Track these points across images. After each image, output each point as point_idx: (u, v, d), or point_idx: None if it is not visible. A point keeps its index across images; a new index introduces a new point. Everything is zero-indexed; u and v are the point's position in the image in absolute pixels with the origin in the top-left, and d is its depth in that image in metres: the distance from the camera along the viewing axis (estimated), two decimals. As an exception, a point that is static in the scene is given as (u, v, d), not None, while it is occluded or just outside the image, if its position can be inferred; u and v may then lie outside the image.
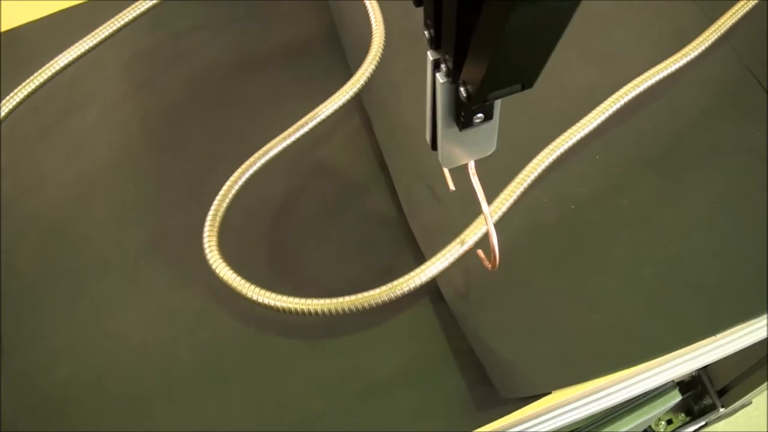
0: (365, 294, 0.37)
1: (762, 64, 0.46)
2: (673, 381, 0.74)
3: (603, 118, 0.43)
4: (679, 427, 0.97)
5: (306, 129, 0.43)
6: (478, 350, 0.38)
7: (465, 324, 0.39)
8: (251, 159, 0.42)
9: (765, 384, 0.92)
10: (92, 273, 0.44)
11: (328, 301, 0.37)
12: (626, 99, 0.43)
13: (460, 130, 0.31)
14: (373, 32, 0.46)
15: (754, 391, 0.93)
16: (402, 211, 0.44)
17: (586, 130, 0.43)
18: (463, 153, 0.34)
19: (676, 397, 0.77)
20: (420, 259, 0.41)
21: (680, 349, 0.37)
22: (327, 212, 0.45)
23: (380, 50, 0.45)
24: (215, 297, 0.42)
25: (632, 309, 0.39)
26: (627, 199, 0.42)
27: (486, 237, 0.37)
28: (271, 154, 0.43)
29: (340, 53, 0.50)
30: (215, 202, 0.41)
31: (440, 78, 0.29)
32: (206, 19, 0.54)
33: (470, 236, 0.39)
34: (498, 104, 0.31)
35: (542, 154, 0.42)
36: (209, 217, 0.40)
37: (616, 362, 0.37)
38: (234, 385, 0.40)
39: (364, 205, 0.45)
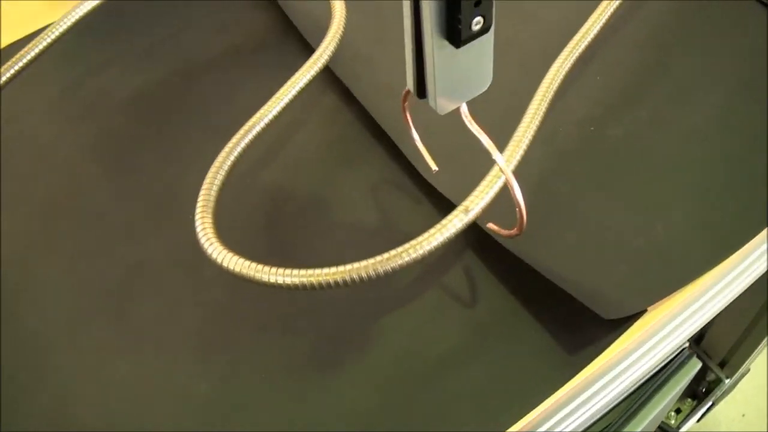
0: (391, 253, 0.31)
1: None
2: (687, 345, 0.71)
3: (596, 30, 0.40)
4: (689, 413, 0.94)
5: (284, 102, 0.38)
6: (560, 282, 0.33)
7: (536, 261, 0.34)
8: (223, 152, 0.36)
9: (762, 345, 0.91)
10: (63, 333, 0.36)
11: (350, 266, 0.30)
12: (611, 11, 0.41)
13: (458, 46, 0.25)
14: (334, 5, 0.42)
15: (753, 355, 0.91)
16: (410, 176, 0.39)
17: (583, 46, 0.40)
18: (459, 90, 0.28)
19: (696, 365, 0.73)
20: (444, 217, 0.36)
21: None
22: (325, 195, 0.39)
23: (343, 20, 0.41)
24: (216, 315, 0.35)
25: (691, 213, 0.35)
26: (645, 110, 0.40)
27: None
28: (248, 138, 0.37)
29: (298, 45, 0.46)
30: (200, 199, 0.34)
31: None
32: (135, 44, 0.48)
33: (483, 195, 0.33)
34: (495, 6, 0.26)
35: (547, 78, 0.39)
36: (198, 213, 0.34)
37: (697, 267, 0.33)
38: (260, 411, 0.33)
39: (367, 177, 0.40)
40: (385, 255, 0.31)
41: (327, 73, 0.43)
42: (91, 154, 0.43)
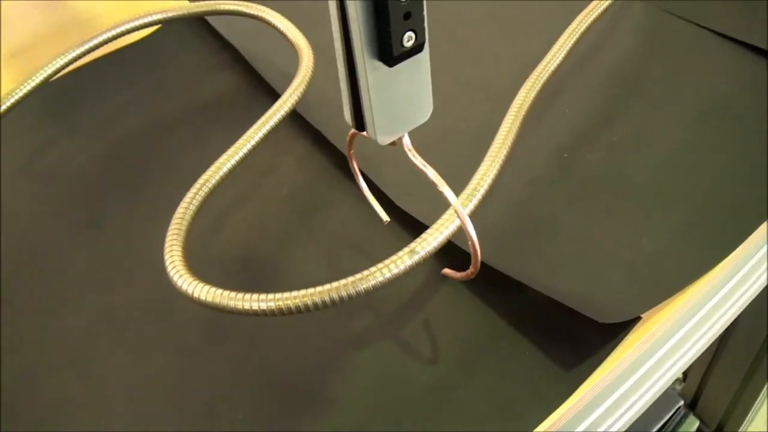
0: (363, 273, 0.29)
1: None
2: (683, 404, 0.68)
3: (560, 58, 0.41)
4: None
5: (254, 142, 0.38)
6: (549, 292, 0.32)
7: (523, 276, 0.33)
8: (193, 189, 0.35)
9: (755, 409, 0.89)
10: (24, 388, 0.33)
11: (321, 288, 0.29)
12: (573, 40, 0.42)
13: (391, 64, 0.24)
14: (300, 48, 0.43)
15: (747, 418, 0.89)
16: (387, 212, 0.38)
17: (547, 74, 0.40)
18: (398, 118, 0.26)
19: (694, 424, 0.71)
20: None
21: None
22: (300, 234, 0.38)
23: (311, 64, 0.42)
24: (191, 360, 0.33)
25: (675, 225, 0.35)
26: (616, 135, 0.40)
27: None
28: (219, 175, 0.36)
29: (269, 100, 0.46)
30: (169, 233, 0.33)
31: None
32: (104, 106, 0.48)
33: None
34: (426, 29, 0.24)
35: (513, 108, 0.39)
36: (167, 246, 0.32)
37: (688, 274, 0.33)
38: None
39: (342, 216, 0.39)
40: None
41: (300, 120, 0.43)
42: (61, 206, 0.41)
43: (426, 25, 0.24)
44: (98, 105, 0.48)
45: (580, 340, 0.31)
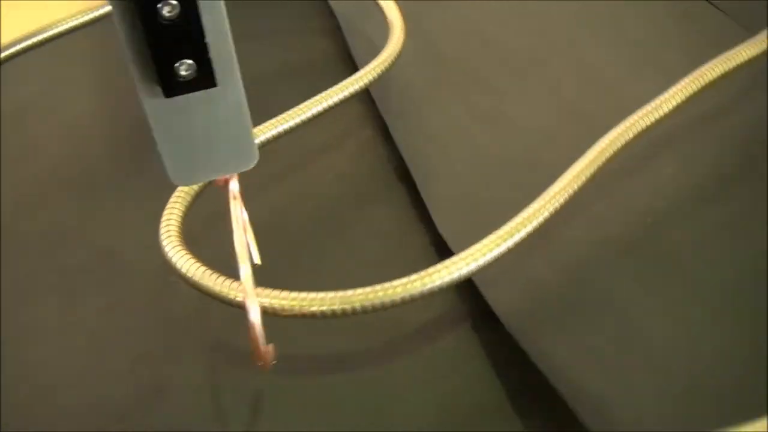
0: (381, 286, 0.26)
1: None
2: None
3: (669, 106, 0.35)
4: None
5: (301, 118, 0.35)
6: (554, 380, 0.27)
7: (533, 348, 0.28)
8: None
9: None
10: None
11: (332, 294, 0.26)
12: (693, 89, 0.35)
13: (167, 95, 0.19)
14: (392, 25, 0.39)
15: None
16: (425, 224, 0.34)
17: (650, 120, 0.34)
18: (201, 158, 0.21)
19: None
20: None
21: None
22: (332, 229, 0.35)
23: (398, 47, 0.38)
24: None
25: (753, 344, 0.28)
26: (718, 216, 0.33)
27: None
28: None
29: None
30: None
31: None
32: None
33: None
34: (215, 61, 0.19)
35: (594, 151, 0.33)
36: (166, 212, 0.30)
37: (747, 411, 0.26)
38: None
39: (380, 218, 0.35)
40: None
41: (373, 106, 0.40)
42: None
43: (213, 56, 0.19)
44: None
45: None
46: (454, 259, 0.28)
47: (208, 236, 0.31)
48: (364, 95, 0.39)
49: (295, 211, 0.36)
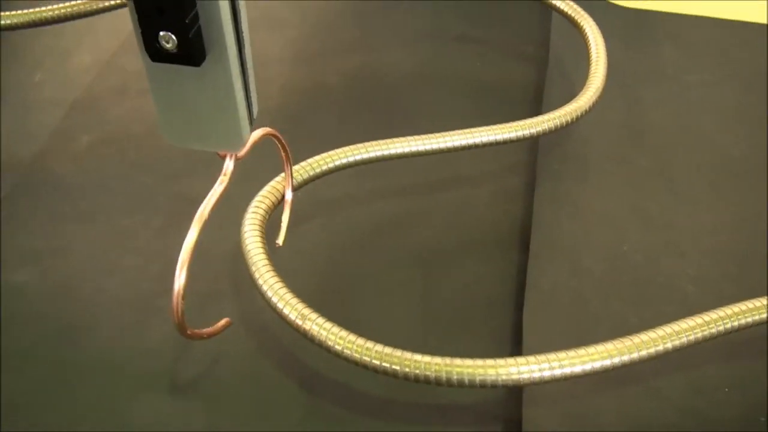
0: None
1: None
2: None
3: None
4: None
5: (444, 144, 0.33)
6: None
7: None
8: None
9: None
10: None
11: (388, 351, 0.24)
12: None
13: (152, 59, 0.20)
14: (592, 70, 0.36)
15: None
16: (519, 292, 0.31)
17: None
18: (190, 126, 0.22)
19: None
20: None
21: None
22: (429, 264, 0.33)
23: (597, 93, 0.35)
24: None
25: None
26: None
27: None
28: (388, 152, 0.32)
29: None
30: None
31: None
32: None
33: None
34: (197, 43, 0.20)
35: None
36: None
37: None
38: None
39: (476, 272, 0.33)
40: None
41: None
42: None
43: (206, 38, 0.20)
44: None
45: None
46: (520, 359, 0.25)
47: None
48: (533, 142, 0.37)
49: (392, 240, 0.34)
